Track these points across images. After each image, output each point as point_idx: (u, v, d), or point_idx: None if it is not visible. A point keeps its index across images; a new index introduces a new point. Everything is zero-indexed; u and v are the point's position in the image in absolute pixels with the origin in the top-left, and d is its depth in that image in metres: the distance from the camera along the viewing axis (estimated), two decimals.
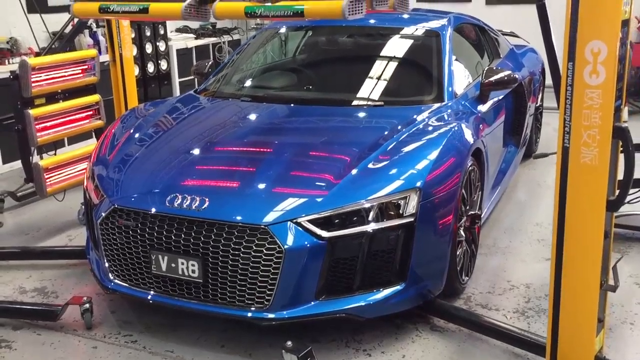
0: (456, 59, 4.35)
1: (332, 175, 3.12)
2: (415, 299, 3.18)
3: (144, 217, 3.11)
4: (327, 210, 2.96)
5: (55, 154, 4.67)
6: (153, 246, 3.07)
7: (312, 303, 2.97)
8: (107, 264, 3.28)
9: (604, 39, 2.12)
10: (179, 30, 8.94)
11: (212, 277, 2.98)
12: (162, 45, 8.18)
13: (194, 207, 3.02)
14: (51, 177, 4.46)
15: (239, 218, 2.94)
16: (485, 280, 3.80)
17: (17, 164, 5.80)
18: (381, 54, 4.40)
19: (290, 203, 2.99)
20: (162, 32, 8.17)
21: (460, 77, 4.25)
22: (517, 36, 6.41)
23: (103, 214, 3.24)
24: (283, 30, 5.07)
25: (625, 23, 2.17)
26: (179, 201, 3.06)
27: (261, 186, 3.13)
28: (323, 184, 3.08)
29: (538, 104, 6.15)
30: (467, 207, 3.57)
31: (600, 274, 2.39)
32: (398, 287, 3.08)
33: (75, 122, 4.66)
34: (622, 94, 2.25)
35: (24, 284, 3.85)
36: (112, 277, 3.27)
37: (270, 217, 2.93)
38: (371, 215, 2.99)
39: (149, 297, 3.16)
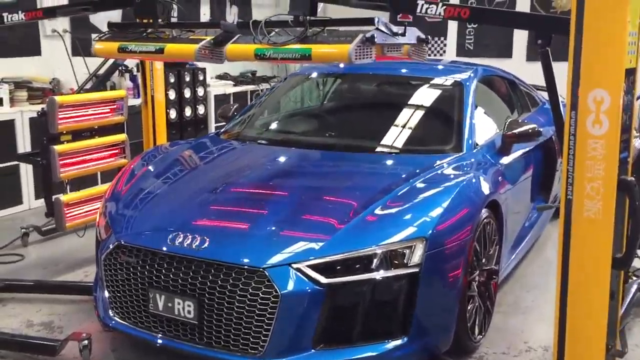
0: (481, 111, 4.27)
1: (336, 220, 3.05)
2: (419, 354, 3.03)
3: (145, 255, 3.09)
4: (328, 256, 2.87)
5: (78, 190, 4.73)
6: (152, 284, 3.04)
7: (309, 352, 2.87)
8: (108, 301, 3.25)
9: (607, 88, 2.02)
10: (219, 77, 9.14)
11: (208, 319, 2.91)
12: (200, 91, 8.34)
13: (193, 247, 2.98)
14: (71, 212, 4.51)
15: (236, 259, 2.89)
16: (501, 340, 3.62)
17: None
18: (403, 103, 4.36)
19: (290, 247, 2.93)
20: (201, 77, 8.35)
21: (483, 129, 4.16)
22: None
23: (107, 250, 3.23)
24: (313, 76, 5.11)
25: (631, 72, 2.08)
26: (180, 239, 3.03)
27: (265, 228, 3.07)
28: (326, 229, 3.00)
29: None
30: (482, 261, 3.42)
31: (606, 338, 2.22)
32: (400, 341, 2.95)
33: (100, 160, 4.73)
34: (629, 146, 2.13)
35: (32, 317, 3.86)
36: (112, 315, 3.23)
37: (268, 260, 2.86)
38: (374, 263, 2.89)
39: (146, 336, 3.10)
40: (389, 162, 3.85)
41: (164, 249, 3.03)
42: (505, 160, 4.02)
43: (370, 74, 4.70)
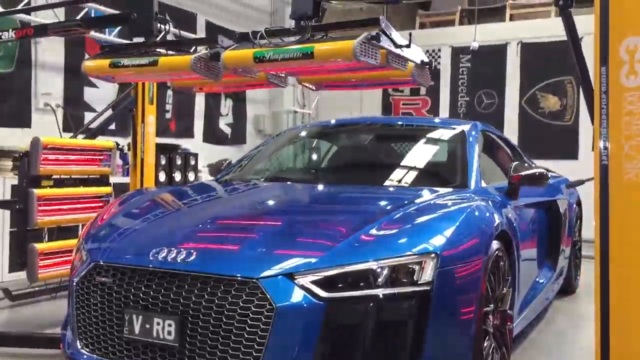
0: (485, 160, 4.11)
1: (338, 234, 2.76)
2: None
3: (123, 273, 2.76)
4: (328, 268, 2.56)
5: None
6: (128, 305, 2.69)
7: None
8: (77, 333, 2.87)
9: None
10: (210, 165, 9.01)
11: (190, 341, 2.54)
12: (191, 176, 8.18)
13: (178, 260, 2.67)
14: (46, 263, 4.16)
15: (226, 271, 2.57)
16: None
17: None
18: (406, 149, 4.21)
19: (286, 259, 2.62)
20: (193, 162, 8.22)
21: (488, 176, 3.97)
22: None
23: (82, 273, 2.90)
24: (307, 130, 5.00)
25: None
26: (164, 254, 2.72)
27: (257, 247, 2.76)
28: (327, 242, 2.71)
29: (576, 238, 5.76)
30: (497, 297, 3.10)
31: None
32: None
33: (82, 211, 4.45)
34: None
35: None
36: (79, 347, 2.84)
37: (261, 270, 2.54)
38: (380, 279, 2.57)
39: None
40: (395, 191, 3.62)
41: (145, 264, 2.71)
42: (514, 203, 3.80)
43: (370, 124, 4.60)
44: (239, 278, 2.53)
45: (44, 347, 3.65)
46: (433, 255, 2.65)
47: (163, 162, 7.69)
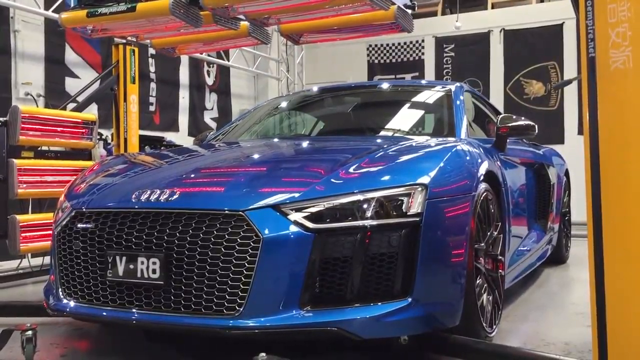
0: (472, 118, 4.08)
1: (323, 169, 2.71)
2: (422, 322, 2.57)
3: (106, 217, 2.69)
4: (315, 200, 2.50)
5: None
6: (111, 247, 2.61)
7: (295, 312, 2.41)
8: (60, 283, 2.78)
9: None
10: (196, 137, 8.97)
11: (176, 278, 2.47)
12: None
13: (162, 199, 2.60)
14: (28, 235, 4.06)
15: (211, 205, 2.51)
16: (515, 338, 3.16)
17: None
18: (394, 108, 4.17)
19: (272, 192, 2.56)
20: None
21: (475, 131, 3.94)
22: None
23: (63, 222, 2.82)
24: (293, 97, 4.95)
25: None
26: (146, 195, 2.66)
27: (242, 186, 2.70)
28: (311, 179, 2.65)
29: (565, 210, 5.73)
30: (488, 235, 3.06)
31: None
32: (402, 302, 2.50)
33: (64, 184, 4.35)
34: None
35: None
36: (62, 296, 2.76)
37: (247, 203, 2.48)
38: (368, 211, 2.51)
39: (104, 313, 2.62)
40: (374, 139, 3.59)
41: (128, 206, 2.65)
42: (502, 156, 3.76)
43: (363, 87, 4.59)
44: (225, 212, 2.47)
45: (25, 316, 3.54)
46: (421, 187, 2.60)
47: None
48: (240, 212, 2.44)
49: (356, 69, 11.08)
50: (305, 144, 3.62)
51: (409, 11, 3.18)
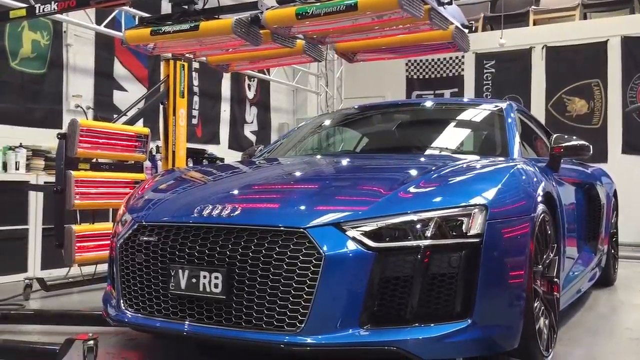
0: (524, 137, 4.06)
1: (382, 188, 2.73)
2: (481, 344, 2.56)
3: (168, 231, 2.74)
4: (376, 218, 2.52)
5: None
6: (174, 260, 2.66)
7: (355, 331, 2.42)
8: (121, 294, 2.85)
9: None
10: (244, 153, 9.08)
11: (237, 293, 2.51)
12: None
13: (223, 215, 2.65)
14: (83, 245, 4.16)
15: (273, 222, 2.54)
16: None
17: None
18: (443, 126, 4.17)
19: (332, 212, 2.58)
20: None
21: (528, 150, 3.92)
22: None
23: (126, 234, 2.89)
24: (340, 113, 4.98)
25: None
26: (208, 210, 2.71)
27: (299, 203, 2.73)
28: (374, 195, 2.68)
29: (612, 230, 5.64)
30: (545, 259, 3.03)
31: None
32: (462, 324, 2.50)
33: (116, 196, 4.45)
34: None
35: None
36: (124, 307, 2.82)
37: (309, 221, 2.51)
38: (428, 230, 2.52)
39: (166, 325, 2.67)
40: (437, 157, 3.60)
41: (190, 221, 2.70)
42: (555, 176, 3.73)
43: (411, 105, 4.62)
44: (287, 228, 2.50)
45: (81, 325, 3.62)
46: (482, 207, 2.60)
47: (190, 164, 7.74)
48: (302, 229, 2.47)
49: (395, 84, 11.09)
50: (358, 162, 3.64)
51: (466, 30, 3.18)
